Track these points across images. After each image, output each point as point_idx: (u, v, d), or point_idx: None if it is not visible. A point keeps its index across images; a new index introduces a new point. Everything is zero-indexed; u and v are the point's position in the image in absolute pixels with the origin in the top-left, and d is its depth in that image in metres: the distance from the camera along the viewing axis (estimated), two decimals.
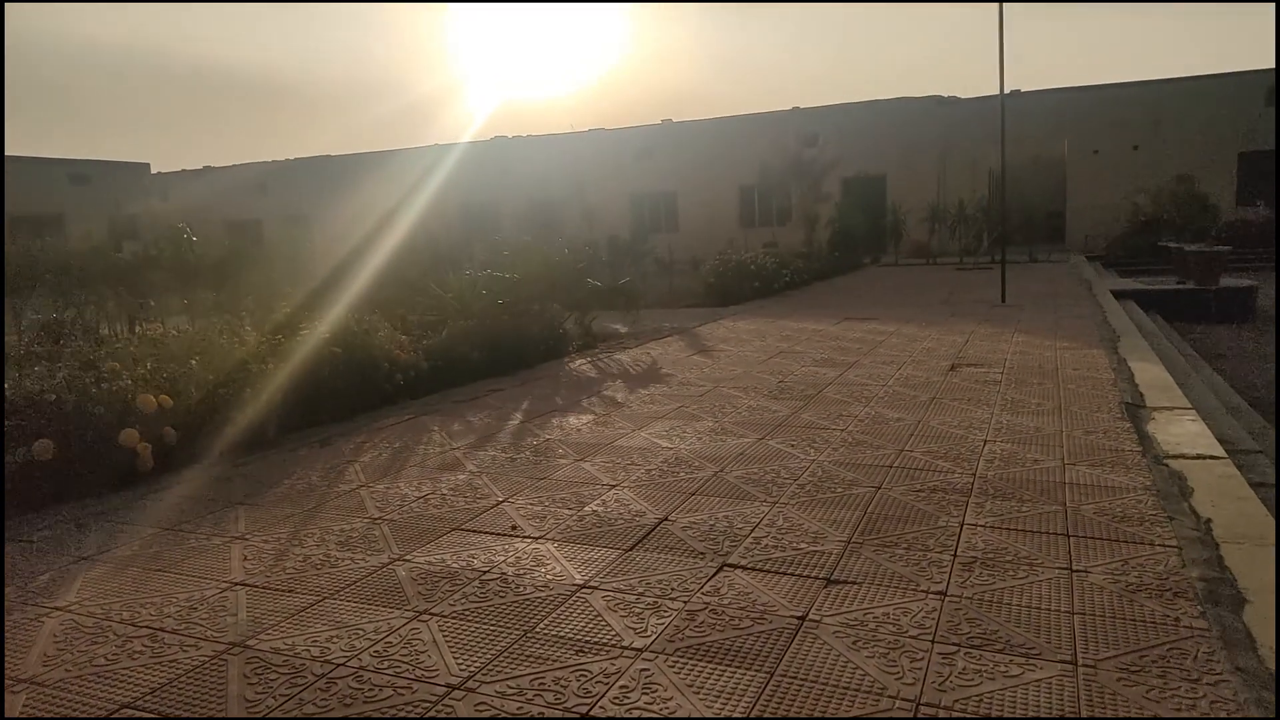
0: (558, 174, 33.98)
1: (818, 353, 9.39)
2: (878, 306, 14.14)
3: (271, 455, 5.82)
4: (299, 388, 6.49)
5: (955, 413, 6.29)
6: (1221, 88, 26.99)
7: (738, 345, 10.26)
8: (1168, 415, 6.00)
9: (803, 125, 30.62)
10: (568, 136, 35.20)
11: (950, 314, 12.56)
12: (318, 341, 6.95)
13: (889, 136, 29.89)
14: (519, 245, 12.11)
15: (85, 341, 7.81)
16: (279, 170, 39.28)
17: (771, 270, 17.53)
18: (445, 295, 9.98)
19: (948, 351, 9.10)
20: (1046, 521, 3.98)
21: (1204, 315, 14.26)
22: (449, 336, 8.60)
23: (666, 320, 12.94)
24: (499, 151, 35.74)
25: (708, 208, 32.41)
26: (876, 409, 6.52)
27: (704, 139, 32.85)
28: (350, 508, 4.61)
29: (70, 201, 35.44)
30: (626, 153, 33.83)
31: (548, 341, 9.80)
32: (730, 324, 12.43)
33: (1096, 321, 11.04)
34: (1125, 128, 27.73)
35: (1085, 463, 4.89)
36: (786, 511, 4.26)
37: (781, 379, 7.91)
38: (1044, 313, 12.18)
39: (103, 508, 4.78)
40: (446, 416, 6.87)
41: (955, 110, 29.47)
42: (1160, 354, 8.78)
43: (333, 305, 8.13)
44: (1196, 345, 11.41)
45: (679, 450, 5.54)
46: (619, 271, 16.82)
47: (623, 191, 33.73)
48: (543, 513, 4.40)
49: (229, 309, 9.18)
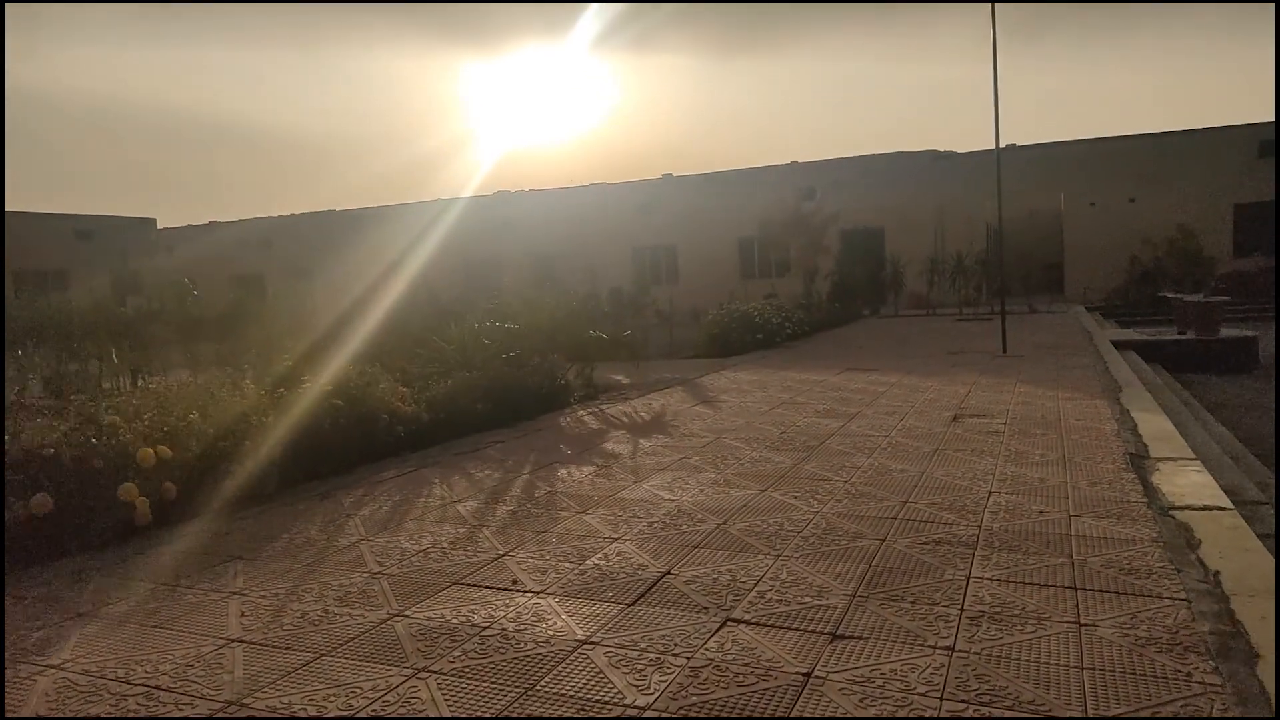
0: (559, 227, 34.30)
1: (820, 403, 9.37)
2: (879, 357, 14.15)
3: (271, 509, 5.78)
4: (299, 440, 6.47)
5: (959, 464, 6.25)
6: (1214, 141, 27.36)
7: (739, 396, 10.25)
8: (1172, 466, 5.97)
9: (801, 179, 30.97)
10: (569, 190, 35.60)
11: (951, 365, 12.56)
12: (319, 394, 6.94)
13: (886, 190, 30.22)
14: (520, 297, 12.17)
15: (87, 395, 7.80)
16: (283, 225, 39.66)
17: (773, 321, 17.57)
18: (447, 347, 9.99)
19: (950, 402, 9.09)
20: (1053, 574, 3.93)
21: (1205, 366, 14.25)
22: (450, 388, 8.59)
23: (668, 371, 12.94)
24: (501, 205, 36.11)
25: (708, 260, 32.65)
26: (880, 460, 6.48)
27: (704, 193, 33.21)
28: (349, 562, 4.56)
29: (75, 256, 35.73)
30: (627, 206, 34.18)
31: (549, 392, 9.79)
32: (732, 375, 12.43)
33: (1098, 372, 11.04)
34: (1120, 180, 28.04)
35: (1091, 514, 4.85)
36: (790, 565, 4.22)
37: (784, 430, 7.89)
38: (1045, 363, 12.18)
39: (100, 563, 4.73)
40: (447, 469, 6.84)
41: (951, 165, 29.83)
42: (1163, 404, 8.76)
43: (334, 357, 8.14)
44: (1199, 396, 11.39)
45: (681, 502, 5.50)
46: (621, 323, 16.87)
47: (624, 244, 34.01)
48: (544, 566, 4.35)
49: (231, 362, 9.19)
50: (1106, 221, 28.08)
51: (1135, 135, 28.33)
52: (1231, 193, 27.09)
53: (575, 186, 35.69)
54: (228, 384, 7.02)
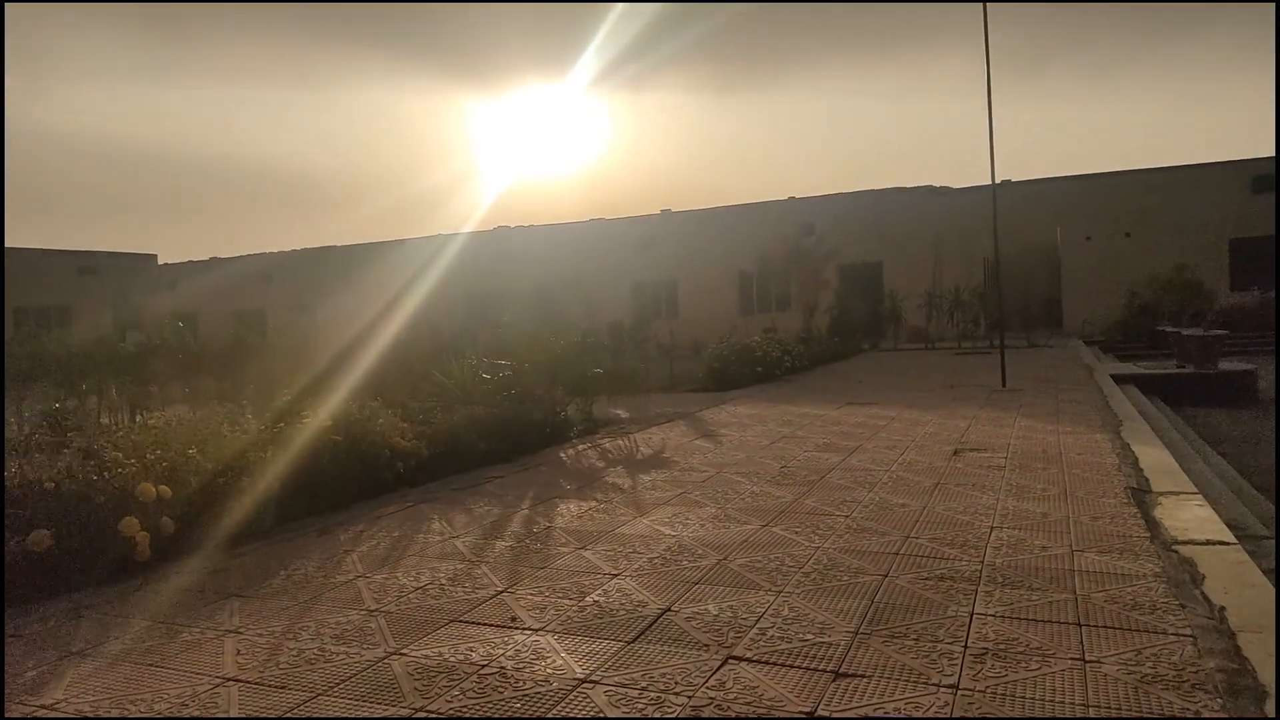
0: (560, 262, 34.46)
1: (820, 438, 9.35)
2: (878, 391, 14.14)
3: (268, 545, 5.75)
4: (298, 476, 6.45)
5: (960, 498, 6.23)
6: (1207, 177, 27.60)
7: (740, 430, 10.23)
8: (1174, 500, 5.94)
9: (800, 214, 31.19)
10: (570, 226, 35.83)
11: (951, 398, 12.56)
12: (318, 429, 6.93)
13: (884, 225, 30.41)
14: (521, 332, 12.19)
15: (87, 430, 7.78)
16: (284, 261, 39.84)
17: (773, 355, 17.59)
18: (447, 381, 9.99)
19: (950, 436, 9.07)
20: (1057, 610, 3.90)
21: (1205, 399, 14.25)
22: (450, 423, 8.58)
23: (668, 405, 12.93)
24: (501, 240, 36.32)
25: (708, 294, 32.77)
26: (881, 494, 6.46)
27: (703, 228, 33.42)
28: (347, 599, 4.52)
29: (77, 292, 35.86)
30: (627, 241, 34.37)
31: (549, 427, 9.77)
32: (732, 409, 12.42)
33: (1098, 406, 11.03)
34: (1116, 215, 28.24)
35: (1093, 549, 4.82)
36: (792, 601, 4.19)
37: (784, 464, 7.86)
38: (1045, 397, 12.17)
39: (97, 599, 4.69)
40: (446, 504, 6.81)
41: (948, 200, 30.04)
42: (1164, 438, 8.75)
43: (334, 392, 8.14)
44: (1199, 429, 11.37)
45: (682, 538, 5.47)
46: (621, 357, 16.88)
47: (624, 279, 34.15)
48: (543, 603, 4.32)
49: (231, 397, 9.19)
50: (1103, 256, 28.23)
51: (1130, 171, 28.59)
52: (1226, 227, 27.27)
53: (575, 222, 35.96)
54: (227, 419, 7.01)
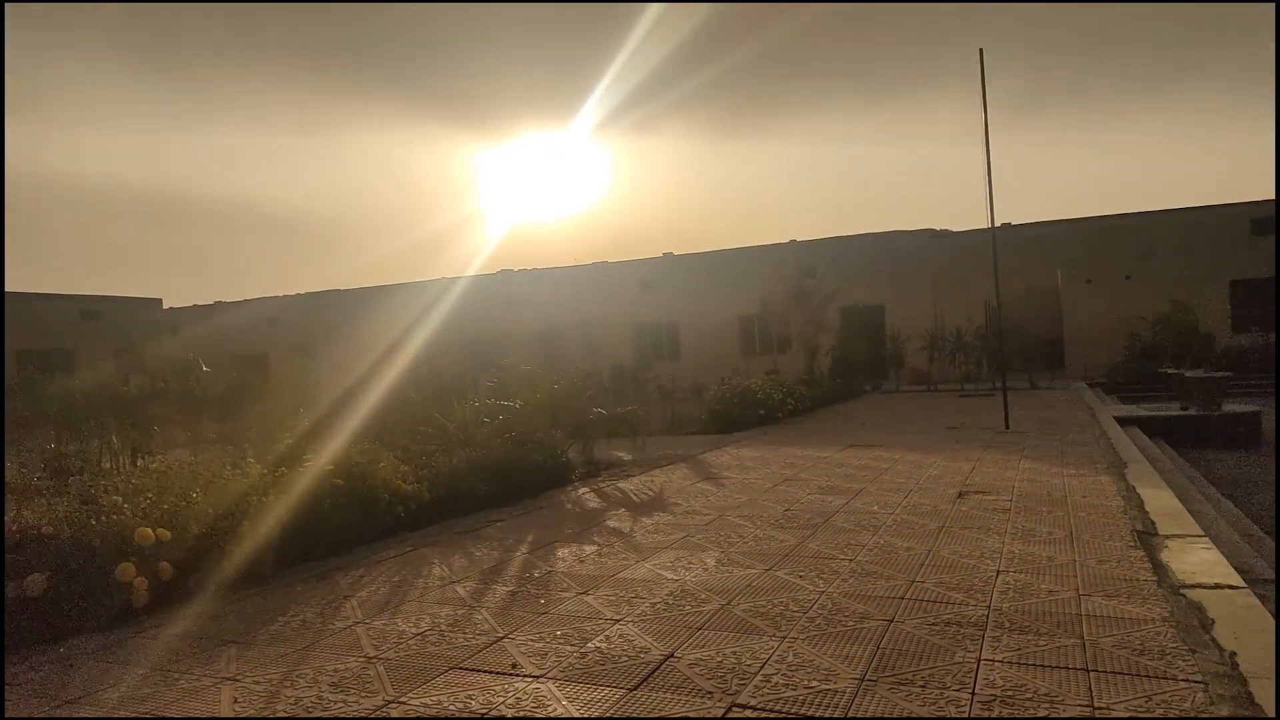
0: (562, 305, 34.58)
1: (824, 480, 9.30)
2: (881, 433, 14.10)
3: (267, 590, 5.70)
4: (298, 520, 6.41)
5: (966, 542, 6.18)
6: (1207, 220, 27.76)
7: (742, 473, 10.18)
8: (1181, 543, 5.89)
9: (800, 257, 31.33)
10: (572, 269, 36.01)
11: (955, 441, 12.51)
12: (319, 472, 6.91)
13: (885, 267, 30.54)
14: (523, 374, 12.20)
15: (87, 474, 7.76)
16: (288, 304, 40.01)
17: (775, 397, 17.57)
18: (448, 424, 9.98)
19: (955, 479, 9.02)
20: (1065, 656, 3.85)
21: (1209, 441, 14.19)
22: (451, 466, 8.55)
23: (670, 448, 12.89)
24: (504, 284, 36.49)
25: (709, 336, 32.82)
26: (885, 538, 6.41)
27: (704, 271, 33.57)
28: (345, 646, 4.47)
29: (81, 336, 35.94)
30: (629, 284, 34.52)
31: (550, 470, 9.73)
32: (735, 451, 12.37)
33: (1102, 448, 10.98)
34: (1116, 258, 28.36)
35: (1101, 593, 4.77)
36: (797, 647, 4.13)
37: (788, 507, 7.81)
38: (1049, 439, 12.13)
39: (94, 645, 4.64)
40: (447, 548, 6.76)
41: (949, 242, 30.20)
42: (1169, 480, 8.70)
43: (336, 435, 8.12)
44: (1204, 471, 11.30)
45: (684, 582, 5.42)
46: (622, 399, 16.87)
47: (626, 321, 34.24)
48: (544, 649, 4.26)
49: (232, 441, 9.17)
50: (1104, 298, 28.30)
51: (1129, 214, 28.75)
52: (1226, 270, 27.37)
53: (578, 265, 36.14)
54: (228, 463, 6.99)
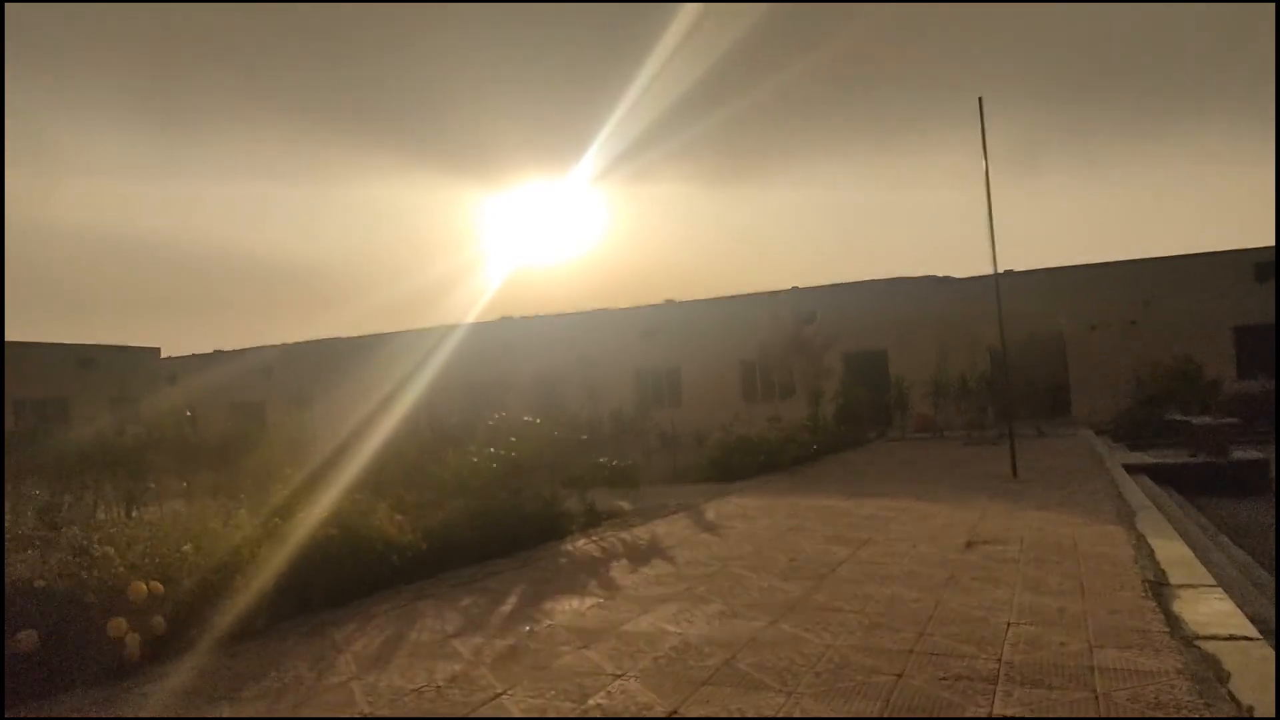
0: (562, 351, 34.56)
1: (829, 529, 9.18)
2: (887, 481, 13.97)
3: (261, 644, 5.58)
4: (292, 572, 6.30)
5: (975, 593, 6.06)
6: (1209, 265, 27.81)
7: (746, 522, 10.06)
8: (1194, 593, 5.77)
9: (801, 304, 31.38)
10: (572, 315, 36.08)
11: (962, 489, 12.38)
12: (313, 524, 6.81)
13: (887, 314, 30.55)
14: (522, 423, 12.11)
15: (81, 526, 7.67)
16: (286, 353, 40.02)
17: (778, 445, 17.44)
18: (445, 473, 9.88)
19: (962, 528, 8.90)
20: (1078, 710, 3.73)
21: (1218, 489, 14.03)
22: (448, 516, 8.44)
23: (672, 497, 12.75)
24: (504, 331, 36.54)
25: (711, 383, 32.73)
26: (893, 589, 6.28)
27: (705, 317, 33.61)
28: (339, 702, 4.35)
29: (77, 385, 35.80)
30: (630, 330, 34.54)
31: (549, 520, 9.60)
32: (737, 500, 12.24)
33: (1111, 496, 10.86)
34: (1119, 304, 28.36)
35: (1113, 645, 4.65)
36: (803, 703, 4.01)
37: (793, 558, 7.69)
38: (1056, 488, 12.00)
39: (85, 702, 4.53)
40: (443, 601, 6.63)
41: (951, 289, 30.25)
42: (1179, 529, 8.57)
43: (331, 485, 8.03)
44: (1214, 519, 11.16)
45: (687, 635, 5.30)
46: (623, 447, 16.76)
47: (626, 368, 34.19)
48: (544, 705, 4.14)
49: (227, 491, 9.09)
50: (1108, 344, 28.25)
51: (1131, 261, 28.82)
52: (1230, 315, 27.35)
53: (578, 312, 36.22)
54: (222, 514, 6.90)
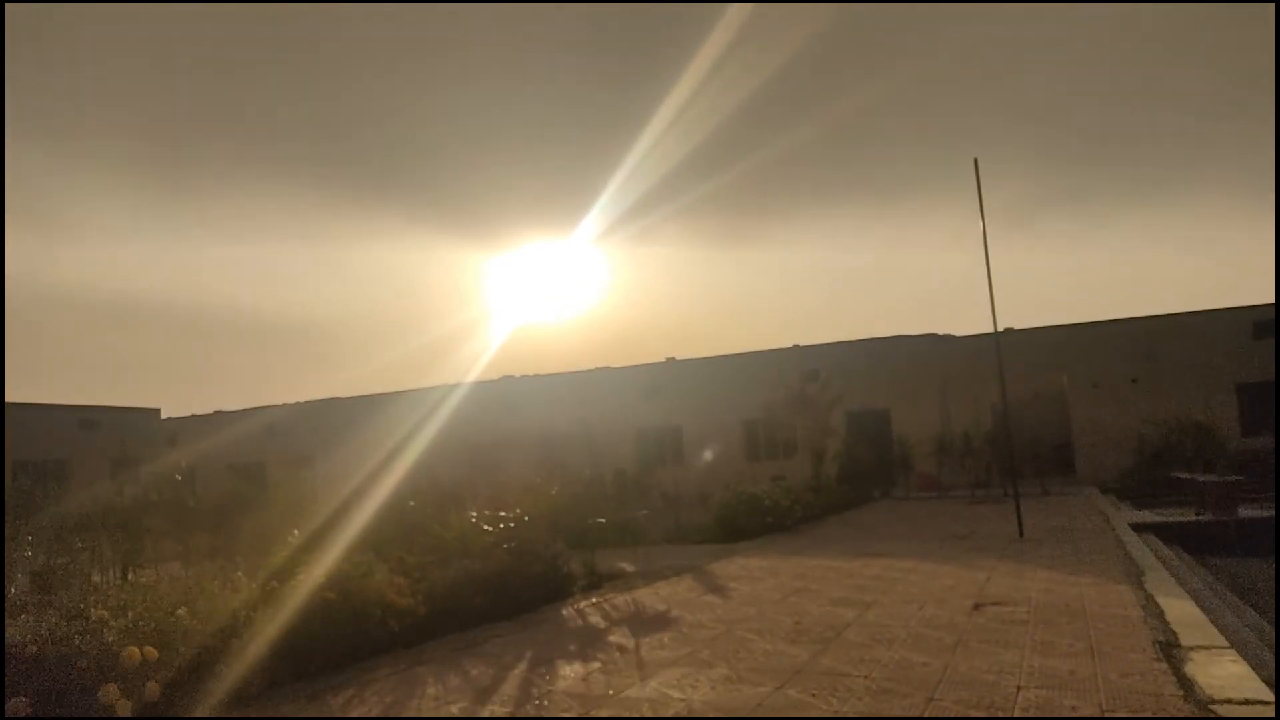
0: (563, 410, 34.49)
1: (834, 591, 9.05)
2: (892, 541, 13.82)
3: (257, 710, 5.46)
4: (289, 636, 6.20)
5: (983, 656, 5.94)
6: (1209, 323, 27.86)
7: (750, 584, 9.92)
8: (1206, 655, 5.66)
9: (803, 362, 31.38)
10: (574, 374, 36.09)
11: (968, 549, 12.25)
12: (312, 587, 6.72)
13: (889, 372, 30.54)
14: (523, 482, 12.03)
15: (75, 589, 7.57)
16: (287, 413, 39.93)
17: (782, 504, 17.28)
18: (446, 534, 9.79)
19: (969, 589, 8.77)
20: None
21: (1227, 547, 13.87)
22: (449, 578, 8.33)
23: (675, 557, 12.61)
24: (506, 390, 36.50)
25: (713, 441, 32.59)
26: (901, 653, 6.17)
27: (707, 375, 33.60)
28: None
29: (77, 447, 35.69)
30: (632, 389, 34.51)
31: (551, 582, 9.49)
32: (741, 561, 12.10)
33: (1118, 556, 10.74)
34: (1120, 362, 28.35)
35: (1125, 709, 4.54)
36: None
37: (798, 620, 7.57)
38: (1063, 547, 11.87)
39: None
40: (443, 666, 6.51)
41: (952, 347, 30.29)
42: (1188, 589, 8.45)
43: (330, 547, 7.94)
44: (1224, 579, 11.00)
45: (691, 701, 5.19)
46: (626, 507, 16.62)
47: (628, 427, 34.07)
48: None
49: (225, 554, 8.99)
50: (1111, 402, 28.18)
51: (1131, 318, 28.89)
52: (1232, 373, 27.32)
53: (579, 371, 36.23)
54: (219, 577, 6.82)
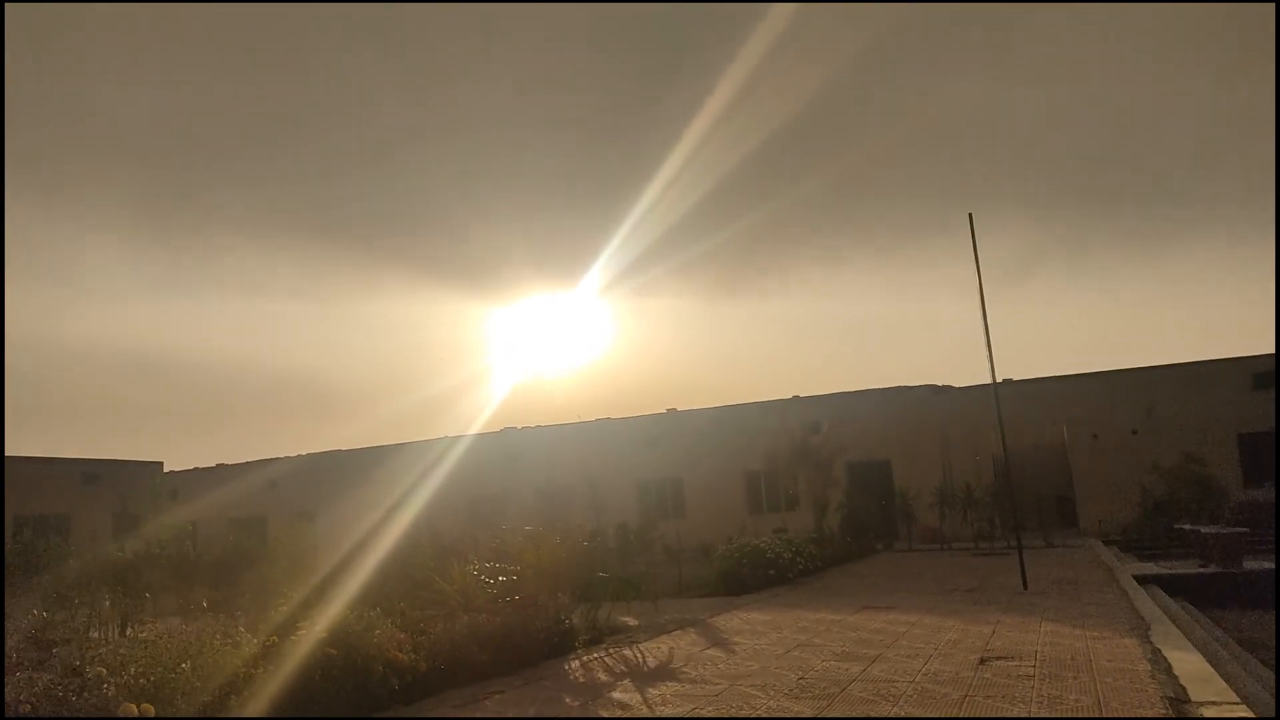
0: (565, 462, 34.37)
1: (838, 645, 8.96)
2: (896, 594, 13.70)
3: None
4: (290, 693, 6.13)
5: (990, 712, 5.87)
6: (1208, 374, 27.89)
7: (753, 638, 9.82)
8: (1217, 710, 5.60)
9: (804, 413, 31.36)
10: (575, 426, 36.01)
11: (972, 602, 12.14)
12: (313, 643, 6.66)
13: (889, 423, 30.50)
14: (525, 534, 11.97)
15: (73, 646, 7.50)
16: (289, 466, 39.80)
17: (784, 557, 17.15)
18: (448, 588, 9.72)
19: (975, 643, 8.69)
20: None
21: (1232, 600, 13.73)
22: (450, 632, 8.26)
23: (678, 611, 12.48)
24: (507, 442, 36.43)
25: (715, 494, 32.42)
26: (906, 709, 6.10)
27: (708, 427, 33.54)
28: None
29: (79, 501, 35.54)
30: (633, 441, 34.43)
31: (553, 636, 9.39)
32: (744, 615, 11.98)
33: (1123, 608, 10.64)
34: (1120, 413, 28.32)
35: None
36: None
37: (802, 675, 7.48)
38: (1068, 600, 11.77)
39: None
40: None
41: (951, 398, 30.30)
42: (1195, 642, 8.36)
43: (332, 601, 7.89)
44: (1231, 632, 10.89)
45: None
46: (628, 559, 16.50)
47: (629, 479, 33.92)
48: None
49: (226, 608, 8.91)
50: (1111, 453, 28.09)
51: (1131, 369, 28.90)
52: (1232, 424, 27.27)
53: (581, 422, 36.17)
54: (219, 632, 6.76)
